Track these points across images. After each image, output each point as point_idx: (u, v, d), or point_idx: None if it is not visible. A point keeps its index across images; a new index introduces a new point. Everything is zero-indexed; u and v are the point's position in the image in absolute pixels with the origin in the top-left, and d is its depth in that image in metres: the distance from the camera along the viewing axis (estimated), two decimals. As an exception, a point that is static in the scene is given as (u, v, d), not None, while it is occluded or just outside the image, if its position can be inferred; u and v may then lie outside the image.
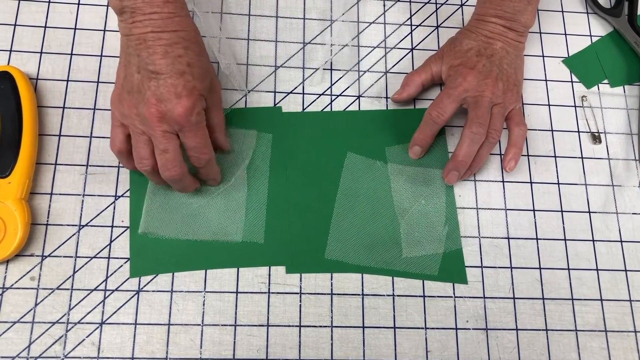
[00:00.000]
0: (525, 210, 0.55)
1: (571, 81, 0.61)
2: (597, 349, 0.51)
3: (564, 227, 0.55)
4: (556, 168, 0.57)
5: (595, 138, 0.59)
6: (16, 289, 0.48)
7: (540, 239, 0.54)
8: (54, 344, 0.47)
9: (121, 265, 0.50)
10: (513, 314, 0.52)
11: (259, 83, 0.57)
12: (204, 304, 0.49)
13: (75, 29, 0.57)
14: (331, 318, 0.50)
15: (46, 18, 0.57)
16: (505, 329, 0.51)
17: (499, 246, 0.54)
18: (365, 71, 0.59)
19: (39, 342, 0.47)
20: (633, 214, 0.56)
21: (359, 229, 0.53)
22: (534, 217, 0.55)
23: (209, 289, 0.50)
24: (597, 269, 0.54)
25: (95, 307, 0.48)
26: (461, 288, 0.52)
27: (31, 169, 0.50)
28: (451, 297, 0.52)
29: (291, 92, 0.57)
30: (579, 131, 0.59)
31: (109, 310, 0.48)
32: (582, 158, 0.58)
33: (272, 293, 0.50)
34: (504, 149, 0.57)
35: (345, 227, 0.53)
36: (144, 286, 0.49)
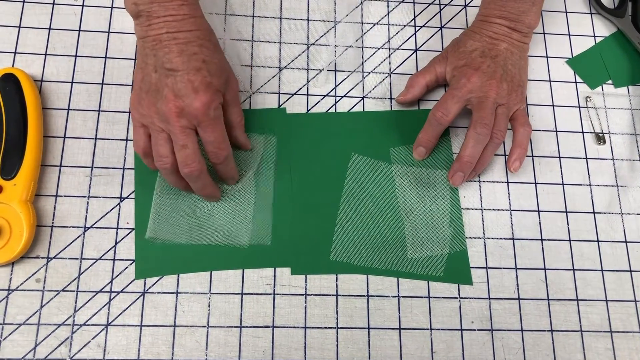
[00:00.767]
0: (529, 211, 0.55)
1: (575, 82, 0.61)
2: (603, 349, 0.51)
3: (568, 228, 0.55)
4: (561, 169, 0.57)
5: (600, 138, 0.59)
6: (22, 291, 0.48)
7: (545, 240, 0.54)
8: (59, 345, 0.47)
9: (126, 267, 0.50)
10: (518, 314, 0.52)
11: (263, 84, 0.57)
12: (209, 306, 0.49)
13: (79, 30, 0.57)
14: (336, 319, 0.50)
15: (50, 20, 0.57)
16: (510, 330, 0.51)
17: (503, 247, 0.54)
18: (369, 72, 0.59)
19: (44, 344, 0.47)
20: (638, 214, 0.56)
21: (363, 230, 0.53)
22: (539, 218, 0.55)
23: (214, 290, 0.50)
24: (602, 270, 0.54)
25: (100, 309, 0.48)
26: (466, 289, 0.52)
27: (36, 171, 0.50)
28: (456, 298, 0.52)
29: (295, 94, 0.57)
30: (583, 132, 0.59)
31: (114, 312, 0.48)
32: (587, 159, 0.58)
33: (278, 294, 0.50)
34: (508, 149, 0.56)
35: (350, 228, 0.53)
36: (149, 288, 0.49)
